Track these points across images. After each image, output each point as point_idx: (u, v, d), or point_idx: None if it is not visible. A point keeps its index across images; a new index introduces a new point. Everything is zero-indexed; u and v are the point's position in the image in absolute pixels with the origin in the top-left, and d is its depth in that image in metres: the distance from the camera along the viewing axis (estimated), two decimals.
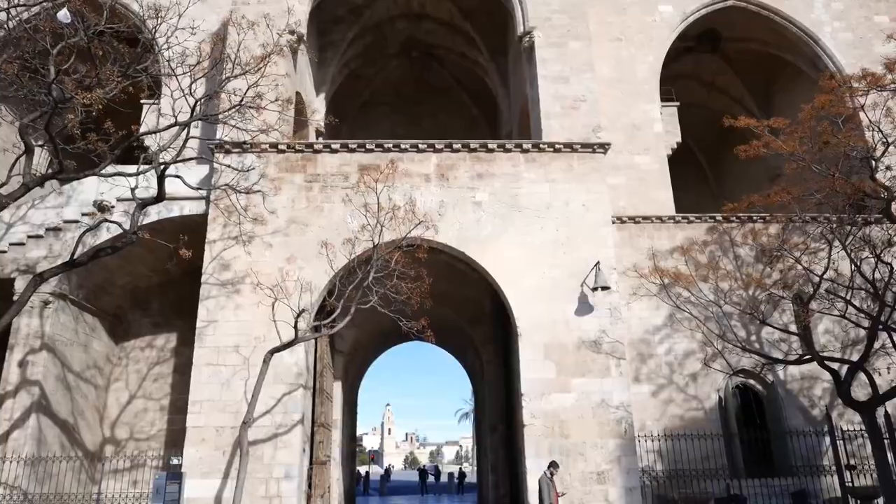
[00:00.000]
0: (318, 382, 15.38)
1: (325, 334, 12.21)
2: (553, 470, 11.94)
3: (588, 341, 14.04)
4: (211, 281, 14.32)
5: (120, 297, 18.00)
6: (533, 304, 14.29)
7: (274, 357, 13.46)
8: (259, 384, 11.72)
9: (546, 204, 15.13)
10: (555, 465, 12.04)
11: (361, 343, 21.91)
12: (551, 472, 11.89)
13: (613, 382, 13.77)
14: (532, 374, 13.73)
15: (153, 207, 15.79)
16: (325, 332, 12.26)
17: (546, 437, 13.32)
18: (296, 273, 14.16)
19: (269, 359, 11.82)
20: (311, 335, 12.16)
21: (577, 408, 13.54)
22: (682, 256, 19.74)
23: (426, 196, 14.94)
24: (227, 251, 14.45)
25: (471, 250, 14.69)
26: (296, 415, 13.33)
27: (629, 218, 19.49)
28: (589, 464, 13.14)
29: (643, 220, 19.85)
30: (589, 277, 14.44)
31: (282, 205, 14.95)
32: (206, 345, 13.80)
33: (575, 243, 14.84)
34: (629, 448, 13.39)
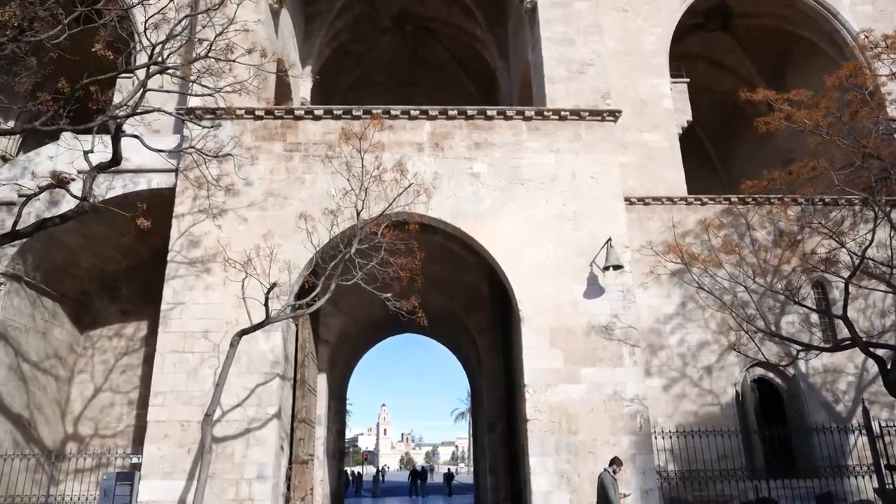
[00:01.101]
0: (300, 373, 13.90)
1: (301, 314, 10.75)
2: (617, 467, 10.53)
3: (598, 326, 12.61)
4: (178, 259, 12.85)
5: (85, 281, 16.48)
6: (537, 285, 12.85)
7: (247, 343, 12.03)
8: (225, 371, 10.25)
9: (551, 176, 13.70)
10: (618, 461, 10.63)
11: (349, 333, 20.44)
12: (614, 469, 10.50)
13: (627, 372, 12.34)
14: (536, 364, 12.30)
15: (118, 181, 14.41)
16: (302, 312, 10.80)
17: (552, 433, 11.89)
18: (273, 250, 12.68)
19: (238, 342, 10.36)
20: (285, 315, 10.68)
21: (587, 400, 12.11)
22: (695, 240, 18.42)
23: (419, 167, 13.48)
24: (196, 226, 12.97)
25: (467, 225, 13.25)
26: (271, 408, 11.86)
27: (638, 199, 18.11)
28: (600, 463, 11.68)
29: (653, 202, 18.48)
30: (599, 256, 13.02)
31: (259, 176, 13.48)
32: (172, 329, 12.33)
33: (583, 218, 13.41)
34: (645, 445, 11.96)
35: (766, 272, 18.10)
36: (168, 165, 14.09)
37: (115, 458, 14.66)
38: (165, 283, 12.68)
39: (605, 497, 10.10)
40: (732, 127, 29.05)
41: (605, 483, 10.16)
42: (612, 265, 12.47)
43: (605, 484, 10.14)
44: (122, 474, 10.54)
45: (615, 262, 12.45)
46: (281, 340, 12.32)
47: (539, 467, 11.63)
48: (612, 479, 10.23)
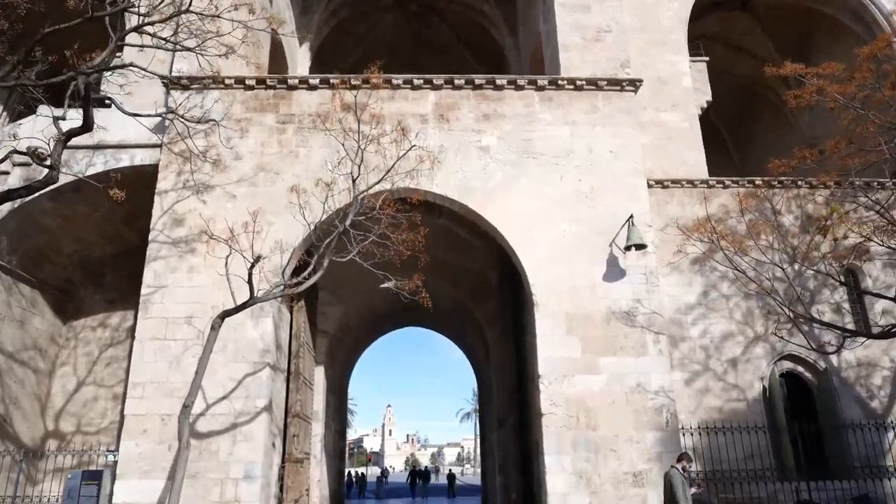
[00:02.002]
0: (294, 364, 12.84)
1: (290, 293, 9.67)
2: (686, 464, 9.46)
3: (619, 312, 11.51)
4: (160, 239, 11.82)
5: (68, 267, 15.48)
6: (551, 267, 11.75)
7: (234, 329, 11.00)
8: (205, 357, 9.19)
9: (566, 149, 12.60)
10: (687, 457, 9.57)
11: (350, 326, 19.38)
12: (683, 465, 9.42)
13: (651, 362, 11.23)
14: (551, 352, 11.20)
15: (98, 157, 13.42)
16: (291, 291, 9.71)
17: (569, 428, 10.78)
18: (264, 229, 11.64)
19: (219, 325, 9.29)
20: (272, 294, 9.61)
21: (608, 393, 11.00)
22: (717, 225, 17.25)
23: (422, 140, 12.39)
24: (180, 203, 11.94)
25: (475, 202, 12.16)
26: (260, 400, 10.80)
27: (656, 182, 16.95)
28: (623, 462, 10.60)
29: (672, 185, 17.33)
30: (619, 235, 11.92)
31: (249, 150, 12.44)
32: (153, 315, 11.30)
33: (601, 195, 12.31)
34: (672, 442, 10.85)
35: (794, 259, 16.93)
36: (153, 140, 13.09)
37: (99, 455, 13.60)
38: (146, 265, 11.66)
39: (674, 498, 9.00)
40: (751, 113, 27.85)
41: (675, 482, 9.05)
42: (635, 244, 11.36)
43: (675, 483, 9.04)
44: (88, 473, 9.52)
45: (638, 240, 11.35)
46: (272, 327, 11.26)
47: (555, 466, 10.54)
48: (682, 477, 9.13)
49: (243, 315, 11.16)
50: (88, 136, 13.41)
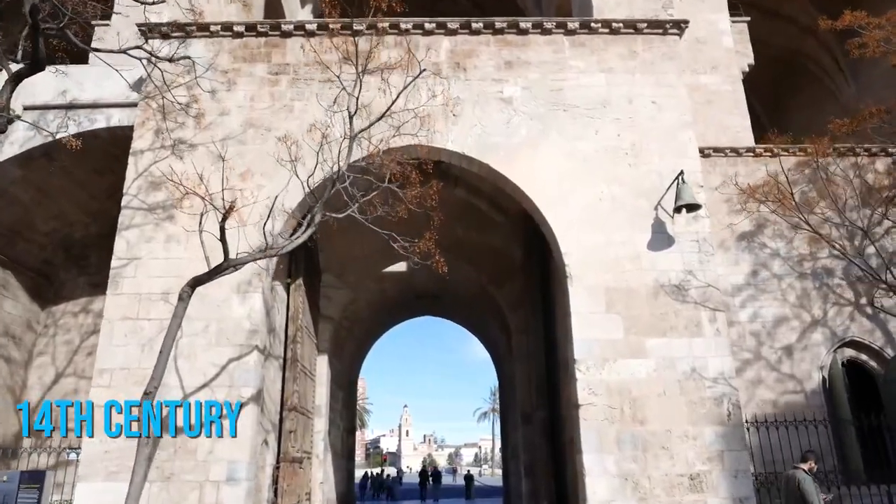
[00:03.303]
0: (291, 350, 11.25)
1: (274, 253, 8.01)
2: (813, 464, 7.84)
3: (668, 286, 9.77)
4: (134, 204, 10.27)
5: (46, 247, 14.03)
6: (587, 234, 10.05)
7: (218, 306, 9.47)
8: (172, 332, 7.60)
9: (601, 100, 10.89)
10: (814, 456, 8.02)
11: (359, 314, 17.79)
12: (810, 466, 7.79)
13: (707, 344, 9.48)
14: (589, 333, 9.49)
15: (72, 118, 11.88)
16: (276, 251, 8.05)
17: (612, 422, 9.06)
18: (253, 193, 10.07)
19: (189, 294, 7.70)
20: (253, 256, 7.96)
21: (657, 380, 9.27)
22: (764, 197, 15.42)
23: (435, 91, 10.75)
24: (158, 164, 10.38)
25: (497, 160, 10.47)
26: (246, 389, 9.21)
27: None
28: (677, 462, 8.85)
29: (714, 153, 15.55)
30: (666, 197, 10.18)
31: (237, 104, 10.87)
32: (123, 291, 9.75)
33: (643, 152, 10.59)
34: (735, 439, 9.08)
35: (852, 235, 15.05)
36: (131, 98, 11.61)
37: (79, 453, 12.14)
38: (117, 234, 10.12)
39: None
40: (788, 85, 25.85)
41: (808, 488, 7.45)
42: (686, 204, 9.62)
43: (808, 489, 7.42)
44: (28, 474, 7.97)
45: (690, 199, 9.60)
46: (261, 304, 9.66)
47: (596, 467, 8.82)
48: (814, 482, 7.45)
49: (228, 290, 9.64)
50: (60, 94, 12.09)
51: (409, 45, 9.04)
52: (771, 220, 14.98)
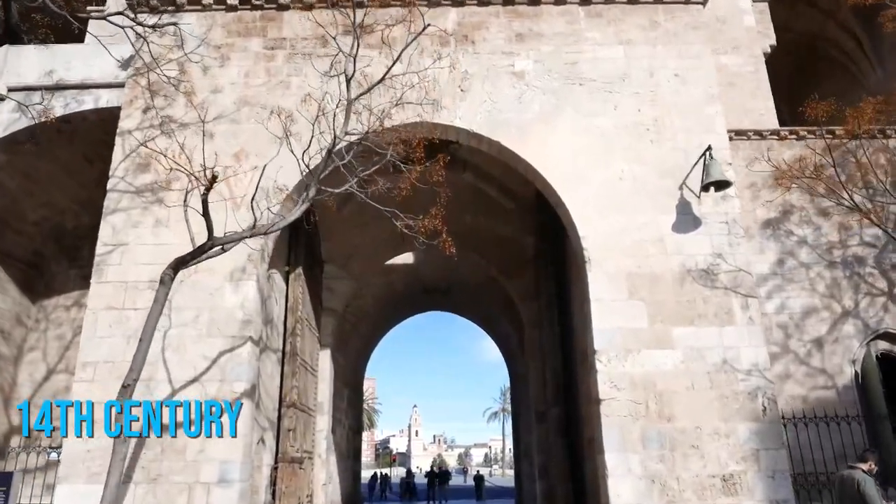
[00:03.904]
0: (290, 343, 10.58)
1: (260, 232, 7.30)
2: (873, 464, 7.01)
3: (696, 270, 9.02)
4: (121, 187, 9.63)
5: (36, 238, 13.41)
6: (606, 216, 9.31)
7: (210, 295, 8.81)
8: (152, 319, 6.92)
9: (620, 74, 10.15)
10: (874, 456, 7.15)
11: (364, 308, 17.11)
12: (870, 466, 7.00)
13: (740, 333, 8.72)
14: (610, 322, 8.74)
15: (58, 99, 11.30)
16: (265, 229, 7.33)
17: (636, 418, 8.31)
18: (248, 174, 9.39)
19: (171, 278, 7.00)
20: (240, 234, 7.25)
21: (684, 372, 8.51)
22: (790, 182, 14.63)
23: (442, 65, 10.06)
24: (147, 145, 9.72)
25: (509, 138, 9.75)
26: (239, 384, 8.52)
27: None
28: (708, 462, 8.09)
29: (736, 137, 14.69)
30: (692, 175, 9.43)
31: (230, 80, 10.21)
32: (108, 279, 9.11)
33: (666, 128, 9.83)
34: (772, 437, 8.31)
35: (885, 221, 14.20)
36: (120, 77, 10.95)
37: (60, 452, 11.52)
38: (102, 219, 9.50)
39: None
40: (809, 73, 24.91)
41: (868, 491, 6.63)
42: (715, 181, 8.86)
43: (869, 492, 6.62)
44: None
45: (719, 176, 8.84)
46: (255, 292, 8.98)
47: (619, 467, 8.07)
48: (875, 484, 6.66)
49: (220, 277, 8.97)
50: (46, 75, 11.48)
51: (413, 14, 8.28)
52: (797, 206, 14.20)
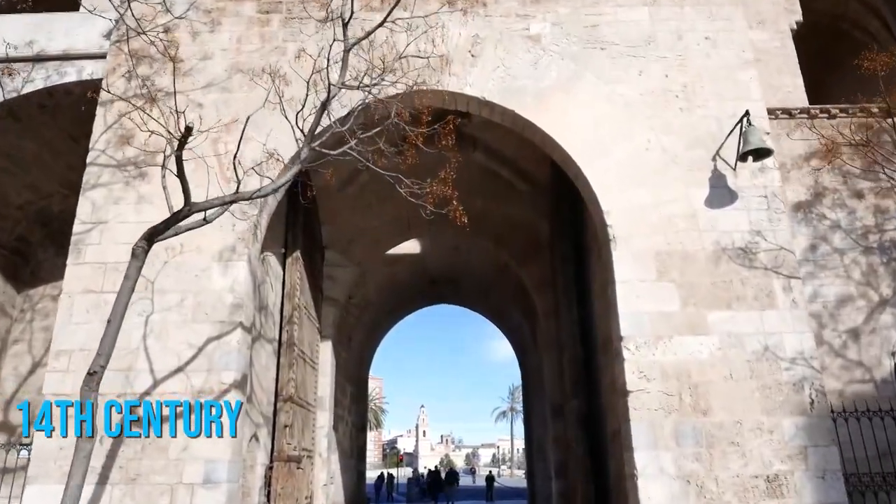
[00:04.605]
0: (287, 332, 9.79)
1: (245, 197, 6.48)
2: None
3: (732, 249, 8.16)
4: (101, 161, 8.87)
5: (21, 222, 12.68)
6: (632, 190, 8.46)
7: (196, 277, 8.01)
8: (123, 297, 6.13)
9: (645, 37, 9.30)
10: None
11: (368, 299, 16.32)
12: None
13: (782, 317, 7.86)
14: (637, 305, 7.90)
15: (39, 71, 10.56)
16: (249, 195, 6.50)
17: (668, 412, 7.46)
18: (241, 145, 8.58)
19: (144, 251, 6.21)
20: (222, 199, 6.44)
21: (722, 361, 7.66)
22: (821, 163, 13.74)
23: (451, 30, 9.25)
24: (130, 115, 8.93)
25: (524, 106, 8.91)
26: (228, 374, 7.72)
27: None
28: (750, 461, 7.24)
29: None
30: (727, 146, 8.59)
31: (221, 47, 9.43)
32: (86, 260, 8.33)
33: (697, 95, 8.98)
34: (820, 432, 7.45)
35: None
36: (105, 48, 10.21)
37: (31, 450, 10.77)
38: (81, 196, 8.73)
39: None
40: (831, 57, 23.98)
41: None
42: (754, 149, 8.01)
43: None
44: None
45: (758, 144, 7.99)
46: (246, 274, 8.17)
47: (650, 466, 7.22)
48: None
49: (208, 258, 8.18)
50: (27, 45, 10.74)
51: None
52: (830, 188, 13.28)
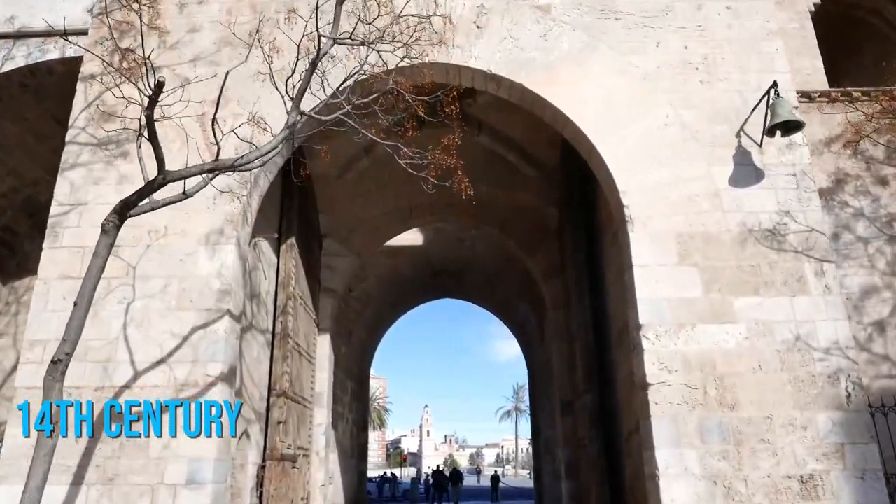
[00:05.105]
0: (281, 323, 9.22)
1: (225, 166, 5.86)
2: None
3: (759, 231, 7.56)
4: (81, 139, 8.30)
5: (6, 211, 12.15)
6: (649, 168, 7.86)
7: (181, 261, 7.46)
8: (91, 277, 5.54)
9: (662, 7, 8.70)
10: None
11: (368, 292, 15.76)
12: None
13: (815, 304, 7.25)
14: (657, 291, 7.30)
15: (20, 48, 10.05)
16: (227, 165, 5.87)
17: (692, 406, 6.86)
18: (228, 122, 8.02)
19: (115, 226, 5.62)
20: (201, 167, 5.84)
21: (749, 351, 7.05)
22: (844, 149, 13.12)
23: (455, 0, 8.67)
24: (112, 91, 8.37)
25: (533, 80, 8.32)
26: (214, 366, 7.14)
27: None
28: (782, 460, 6.63)
29: None
30: (751, 121, 7.98)
31: (210, 18, 8.87)
32: (64, 244, 7.79)
33: (719, 66, 8.38)
34: (859, 428, 6.84)
35: None
36: (90, 23, 9.66)
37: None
38: (59, 176, 8.16)
39: None
40: (848, 45, 23.32)
41: None
42: (782, 121, 7.40)
43: None
44: None
45: (788, 115, 7.39)
46: (235, 258, 7.59)
47: (673, 466, 6.62)
48: None
49: (193, 241, 7.61)
50: (7, 21, 10.21)
51: None
52: (852, 174, 12.64)
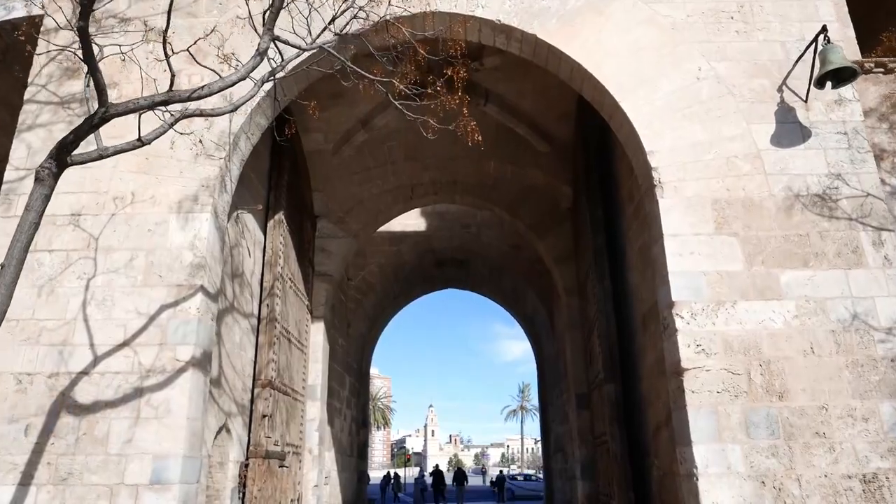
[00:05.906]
0: (267, 306, 8.34)
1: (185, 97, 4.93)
2: None
3: (807, 196, 6.63)
4: (41, 97, 7.43)
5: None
6: (680, 127, 6.94)
7: (149, 231, 6.61)
8: (22, 235, 4.68)
9: None
10: None
11: (369, 281, 14.85)
12: None
13: (873, 278, 6.31)
14: (691, 264, 6.38)
15: None
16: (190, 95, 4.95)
17: (734, 394, 5.93)
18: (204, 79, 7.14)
19: (52, 174, 4.76)
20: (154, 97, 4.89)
21: (799, 331, 6.12)
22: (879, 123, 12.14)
23: None
24: (75, 46, 7.49)
25: (548, 31, 7.40)
26: (185, 349, 6.24)
27: None
28: (840, 456, 5.70)
29: None
30: (795, 74, 7.07)
31: None
32: (18, 213, 6.86)
33: (756, 15, 7.46)
34: None
35: None
36: None
37: None
38: (15, 138, 7.29)
39: None
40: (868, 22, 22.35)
41: None
42: (834, 69, 6.49)
43: None
44: None
45: (841, 63, 6.49)
46: (211, 228, 6.70)
47: (715, 464, 5.70)
48: None
49: (163, 209, 6.73)
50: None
51: None
52: (889, 150, 11.68)
